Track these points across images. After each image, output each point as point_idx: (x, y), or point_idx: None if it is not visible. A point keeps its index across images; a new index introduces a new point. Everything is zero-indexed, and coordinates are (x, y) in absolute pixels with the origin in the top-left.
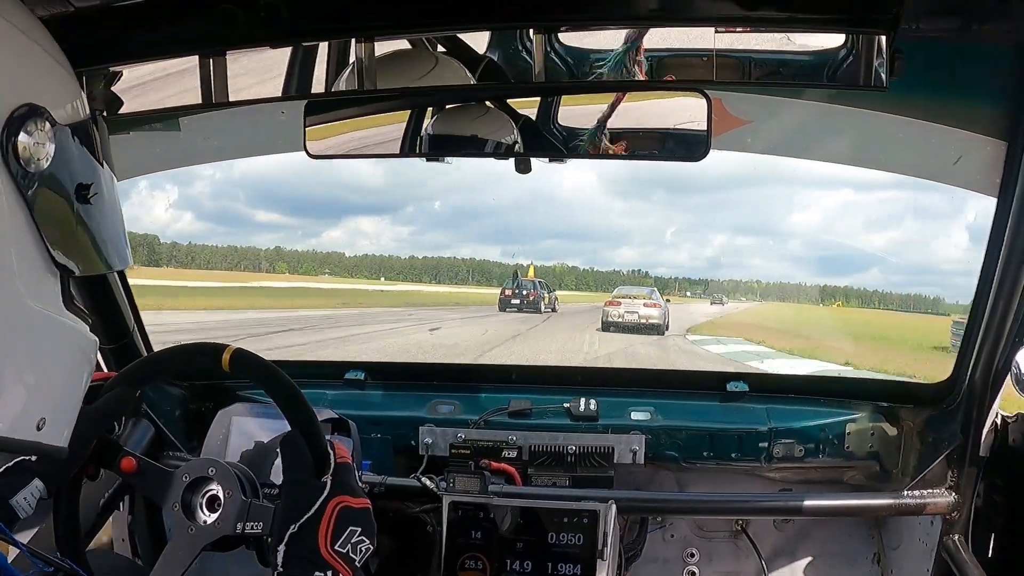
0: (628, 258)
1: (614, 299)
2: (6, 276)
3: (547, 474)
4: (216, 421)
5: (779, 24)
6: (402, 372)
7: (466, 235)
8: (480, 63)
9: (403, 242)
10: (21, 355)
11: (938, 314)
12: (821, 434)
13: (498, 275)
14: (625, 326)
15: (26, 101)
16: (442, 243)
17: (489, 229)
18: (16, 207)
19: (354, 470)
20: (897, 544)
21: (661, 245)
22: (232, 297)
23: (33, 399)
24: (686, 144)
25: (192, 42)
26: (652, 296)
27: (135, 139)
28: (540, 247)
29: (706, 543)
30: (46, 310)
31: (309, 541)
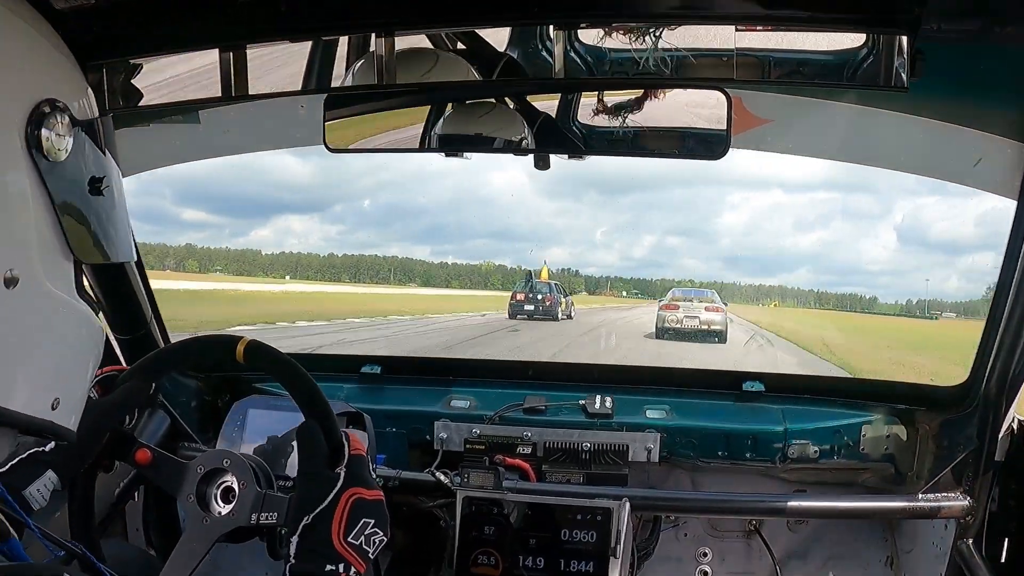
0: (558, 257)
1: (671, 303)
2: (28, 258)
3: (561, 471)
4: (232, 413)
5: (800, 23)
6: (418, 367)
7: (396, 234)
8: (499, 60)
9: (332, 241)
10: (38, 334)
11: (883, 315)
12: (836, 436)
13: (421, 272)
14: (684, 332)
15: (47, 96)
16: (371, 242)
17: (419, 228)
18: (39, 196)
19: (368, 462)
20: (910, 547)
21: (592, 245)
22: None
23: (48, 378)
24: (706, 143)
25: (211, 35)
26: (713, 299)
27: (155, 132)
28: (468, 246)
29: (719, 543)
30: (61, 293)
31: (322, 533)
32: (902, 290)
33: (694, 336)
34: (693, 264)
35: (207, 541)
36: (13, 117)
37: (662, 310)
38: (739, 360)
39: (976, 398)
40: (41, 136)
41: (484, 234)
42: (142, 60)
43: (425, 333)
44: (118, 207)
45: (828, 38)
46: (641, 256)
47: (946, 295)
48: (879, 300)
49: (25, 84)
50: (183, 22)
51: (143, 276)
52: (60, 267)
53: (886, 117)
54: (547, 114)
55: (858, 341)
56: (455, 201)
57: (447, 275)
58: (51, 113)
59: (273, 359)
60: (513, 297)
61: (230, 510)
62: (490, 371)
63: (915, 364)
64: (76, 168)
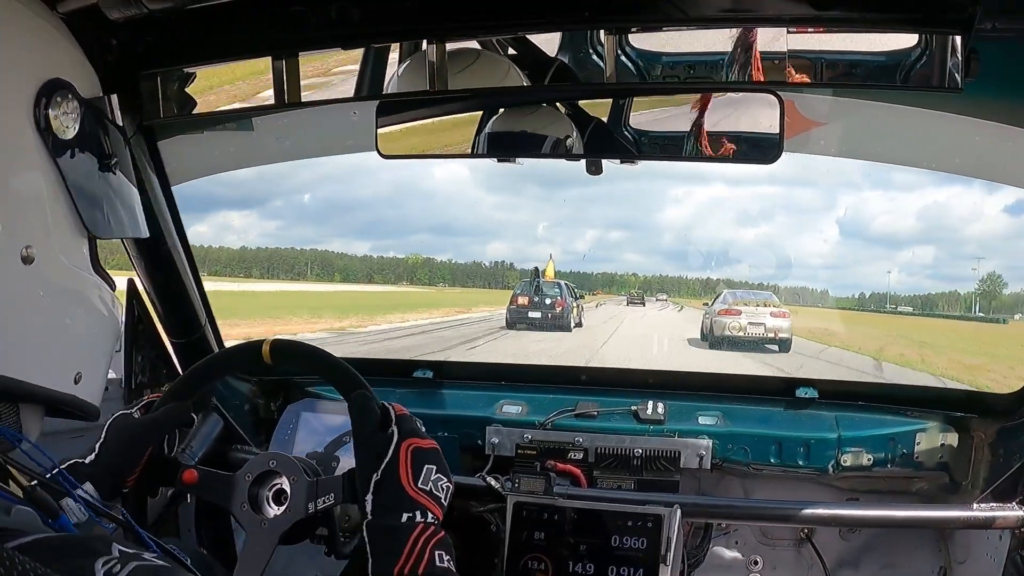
0: (499, 252)
1: (731, 308)
2: (43, 234)
3: (612, 477)
4: (284, 417)
5: (851, 24)
6: (470, 371)
7: (336, 229)
8: (550, 65)
9: (270, 236)
10: (57, 310)
11: (841, 308)
12: (890, 444)
13: (340, 267)
14: (747, 342)
15: (53, 76)
16: (310, 237)
17: (359, 223)
18: (50, 172)
19: (414, 419)
20: (964, 558)
21: (533, 240)
22: None
23: (70, 353)
24: (758, 146)
25: (264, 44)
26: (775, 302)
27: (210, 138)
28: (409, 241)
29: (771, 551)
30: (78, 268)
31: (393, 484)
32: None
33: (759, 346)
34: (636, 258)
35: (271, 543)
36: (21, 97)
37: (720, 316)
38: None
39: None
40: (49, 115)
41: (424, 229)
42: (196, 68)
43: None
44: (127, 183)
45: (880, 39)
46: (583, 250)
47: (900, 288)
48: (830, 294)
49: (31, 64)
50: (235, 31)
51: (198, 280)
52: (75, 243)
53: (940, 118)
54: (599, 119)
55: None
56: (395, 195)
57: (370, 269)
58: (57, 91)
59: (298, 352)
60: (513, 301)
61: (286, 508)
62: (542, 376)
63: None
64: (85, 145)
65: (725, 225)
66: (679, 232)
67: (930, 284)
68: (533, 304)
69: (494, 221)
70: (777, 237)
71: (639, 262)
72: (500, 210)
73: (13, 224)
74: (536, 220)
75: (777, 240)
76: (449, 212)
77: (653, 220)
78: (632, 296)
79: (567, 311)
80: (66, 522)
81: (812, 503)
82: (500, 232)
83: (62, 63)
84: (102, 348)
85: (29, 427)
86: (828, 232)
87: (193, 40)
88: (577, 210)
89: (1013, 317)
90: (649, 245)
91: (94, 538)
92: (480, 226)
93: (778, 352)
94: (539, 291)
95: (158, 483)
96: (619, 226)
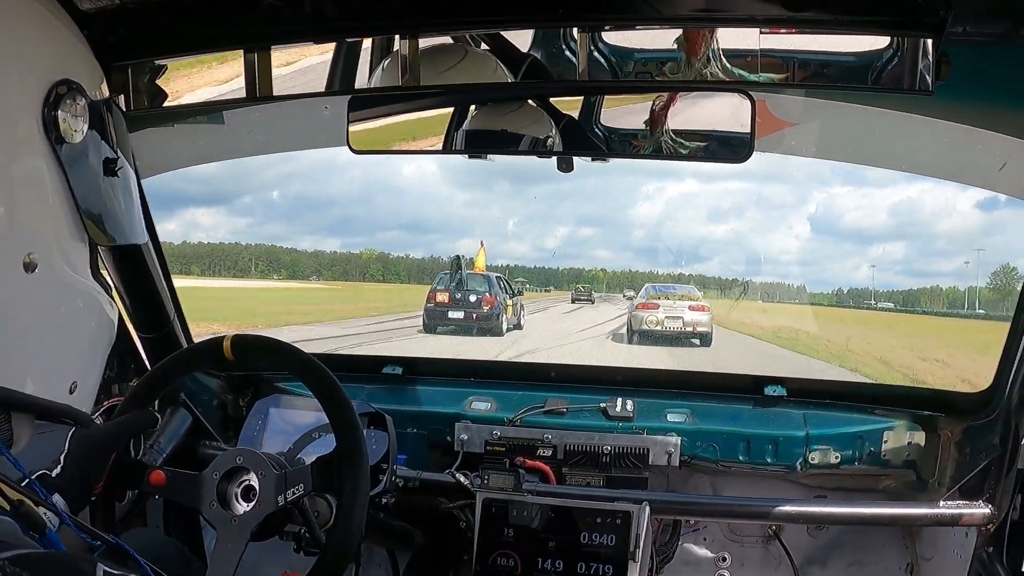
0: (470, 248)
1: (648, 301)
2: (46, 242)
3: (581, 473)
4: (253, 412)
5: (824, 26)
6: (440, 368)
7: (305, 226)
8: (523, 61)
9: (240, 234)
10: (56, 318)
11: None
12: (858, 441)
13: (287, 263)
14: (664, 336)
15: (63, 78)
16: (280, 234)
17: (328, 220)
18: (56, 176)
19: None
20: (931, 555)
21: (503, 236)
22: None
23: (66, 362)
24: (729, 145)
25: (236, 37)
26: (695, 295)
27: (180, 132)
28: (379, 238)
29: (739, 548)
30: (78, 275)
31: None
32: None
33: (678, 339)
34: (606, 255)
35: (241, 540)
36: (31, 99)
37: (638, 310)
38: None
39: (999, 404)
40: (58, 117)
41: (394, 226)
42: (167, 61)
43: None
44: (130, 189)
45: (852, 41)
46: (553, 246)
47: (874, 284)
48: (807, 289)
49: (42, 66)
50: (208, 23)
51: (166, 273)
52: (77, 250)
53: (910, 120)
54: (570, 116)
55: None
56: (364, 192)
57: (319, 265)
58: (67, 95)
59: (260, 345)
60: (431, 298)
61: (255, 503)
62: (511, 373)
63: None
64: (91, 150)
65: (697, 221)
66: (651, 228)
67: (911, 280)
68: (455, 302)
69: (464, 218)
70: (749, 233)
71: (609, 258)
72: (469, 207)
73: (17, 229)
74: (507, 216)
75: (749, 236)
76: (419, 208)
77: (625, 216)
78: (578, 293)
79: (497, 310)
80: (54, 538)
81: (780, 500)
82: (469, 229)
83: (72, 63)
84: (98, 357)
85: (20, 434)
86: (799, 228)
87: (164, 32)
88: (549, 207)
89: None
90: (620, 241)
91: (79, 557)
92: (449, 223)
93: (699, 346)
94: (461, 286)
95: (125, 487)
96: (590, 222)
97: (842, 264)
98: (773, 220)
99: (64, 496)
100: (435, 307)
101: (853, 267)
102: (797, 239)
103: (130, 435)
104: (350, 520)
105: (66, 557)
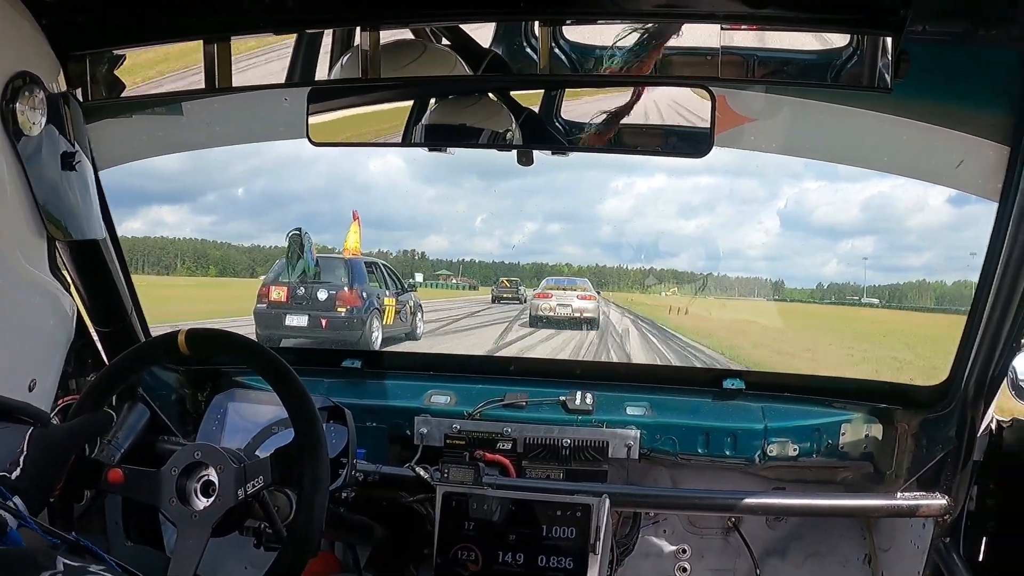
0: (437, 245)
1: (544, 292)
2: (5, 238)
3: (541, 467)
4: (212, 407)
5: (785, 23)
6: (399, 361)
7: (270, 223)
8: (484, 55)
9: (205, 232)
10: (14, 316)
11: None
12: (816, 434)
13: (217, 259)
14: (557, 321)
15: (21, 70)
16: (245, 232)
17: (293, 216)
18: (14, 170)
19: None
20: (889, 546)
21: (471, 232)
22: None
23: (25, 360)
24: (689, 140)
25: (196, 27)
26: (586, 287)
27: (138, 123)
28: (341, 235)
29: (698, 539)
30: (36, 272)
31: None
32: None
33: (569, 324)
34: (573, 250)
35: (202, 536)
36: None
37: (535, 299)
38: None
39: (955, 397)
40: (16, 111)
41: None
42: (125, 51)
43: None
44: (88, 183)
45: (814, 38)
46: (521, 243)
47: (842, 279)
48: (785, 284)
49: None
50: (167, 13)
51: (123, 266)
52: (35, 245)
53: (870, 117)
54: (531, 110)
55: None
56: (330, 187)
57: (253, 261)
58: (24, 87)
59: (213, 339)
60: (262, 295)
61: (215, 498)
62: (471, 367)
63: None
64: (49, 143)
65: (666, 217)
66: (618, 224)
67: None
68: (295, 301)
69: (431, 214)
70: (721, 228)
71: (576, 253)
72: (437, 202)
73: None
74: (474, 213)
75: (721, 231)
76: (385, 204)
77: (592, 211)
78: (501, 290)
79: (361, 313)
80: (15, 536)
81: (739, 492)
82: (436, 225)
83: (29, 54)
84: (57, 354)
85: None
86: (768, 223)
87: (123, 22)
88: (517, 202)
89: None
90: (587, 236)
91: (38, 552)
92: (416, 219)
93: (589, 330)
94: (306, 276)
95: (83, 486)
96: (557, 218)
97: (820, 257)
98: (744, 215)
99: (23, 498)
100: (268, 308)
101: (840, 261)
102: (766, 234)
103: (90, 436)
104: (311, 514)
105: (26, 552)
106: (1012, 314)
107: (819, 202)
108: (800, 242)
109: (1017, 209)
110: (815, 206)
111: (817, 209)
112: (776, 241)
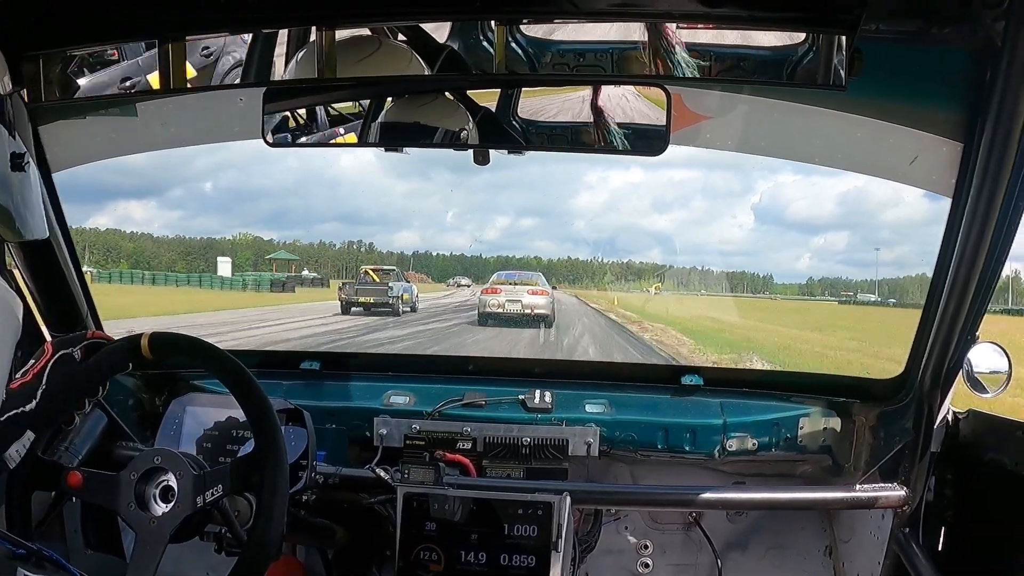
0: (409, 241)
1: (492, 287)
2: None
3: (502, 466)
4: (170, 411)
5: (740, 22)
6: (357, 363)
7: (238, 219)
8: (440, 51)
9: (173, 228)
10: None
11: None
12: (775, 428)
13: (130, 252)
14: (506, 318)
15: None
16: (213, 228)
17: (263, 212)
18: None
19: None
20: (849, 537)
21: (442, 228)
22: None
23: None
24: (645, 138)
25: (150, 26)
26: (538, 282)
27: (91, 124)
28: (316, 231)
29: (660, 535)
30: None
31: None
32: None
33: (520, 321)
34: (545, 245)
35: (160, 542)
36: None
37: (483, 295)
38: None
39: (912, 390)
40: None
41: (332, 217)
42: (79, 51)
43: None
44: (35, 184)
45: (768, 36)
46: (493, 239)
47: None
48: (771, 279)
49: None
50: (121, 12)
51: (78, 269)
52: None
53: (825, 115)
54: (487, 109)
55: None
56: (300, 183)
57: (175, 255)
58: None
59: (180, 345)
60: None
61: (174, 504)
62: (429, 367)
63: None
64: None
65: (641, 211)
66: (590, 219)
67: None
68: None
69: (403, 209)
70: (701, 220)
71: (546, 248)
72: (409, 198)
73: None
74: (445, 207)
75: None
76: (356, 200)
77: (564, 206)
78: (361, 284)
79: None
80: None
81: (699, 487)
82: (408, 221)
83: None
84: (5, 351)
85: None
86: (743, 218)
87: (77, 21)
88: (487, 196)
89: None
90: (559, 231)
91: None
92: (388, 215)
93: (543, 327)
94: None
95: (41, 488)
96: (530, 212)
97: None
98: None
99: (37, 431)
100: None
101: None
102: (740, 228)
103: (101, 378)
104: (271, 518)
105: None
106: (966, 308)
107: (797, 195)
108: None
109: (970, 205)
110: (791, 199)
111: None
112: (750, 236)
